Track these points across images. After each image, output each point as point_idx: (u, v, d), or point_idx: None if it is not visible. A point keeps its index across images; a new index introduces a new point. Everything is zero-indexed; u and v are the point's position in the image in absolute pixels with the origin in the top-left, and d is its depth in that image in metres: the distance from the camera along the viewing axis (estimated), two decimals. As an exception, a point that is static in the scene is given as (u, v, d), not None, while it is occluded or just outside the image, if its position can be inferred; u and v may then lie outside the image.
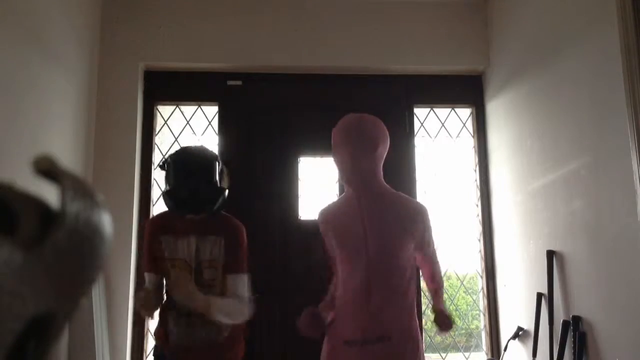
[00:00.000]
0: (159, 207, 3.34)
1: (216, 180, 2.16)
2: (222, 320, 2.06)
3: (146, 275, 2.23)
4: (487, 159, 3.50)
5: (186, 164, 2.12)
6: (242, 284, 2.14)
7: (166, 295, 2.19)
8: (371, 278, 1.97)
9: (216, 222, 2.17)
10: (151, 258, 2.19)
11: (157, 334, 2.21)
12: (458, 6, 3.55)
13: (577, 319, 2.41)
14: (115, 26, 3.36)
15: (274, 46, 3.42)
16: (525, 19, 3.02)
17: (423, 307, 3.31)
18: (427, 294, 2.53)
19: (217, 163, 2.18)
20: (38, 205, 0.37)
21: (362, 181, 2.01)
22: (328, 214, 2.12)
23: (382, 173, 2.05)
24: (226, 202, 2.19)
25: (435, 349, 3.68)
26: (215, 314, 2.03)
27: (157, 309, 2.20)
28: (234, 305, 2.09)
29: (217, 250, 2.13)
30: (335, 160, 2.05)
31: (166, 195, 2.15)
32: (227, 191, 2.20)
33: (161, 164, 2.22)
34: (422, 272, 2.27)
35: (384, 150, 2.02)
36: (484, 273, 3.44)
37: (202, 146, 2.25)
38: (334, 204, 2.16)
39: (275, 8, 3.47)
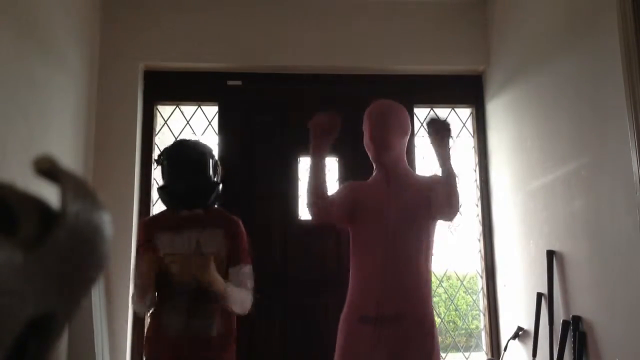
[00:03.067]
0: (159, 206, 3.34)
1: (210, 175, 2.18)
2: (231, 307, 2.08)
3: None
4: (487, 159, 3.50)
5: (181, 159, 2.15)
6: (248, 274, 2.16)
7: (161, 292, 2.16)
8: (388, 255, 2.05)
9: (213, 216, 2.19)
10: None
11: (150, 328, 2.20)
12: (458, 6, 3.55)
13: (577, 319, 2.41)
14: (115, 26, 3.36)
15: (274, 46, 3.42)
16: (525, 18, 3.02)
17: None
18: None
19: (211, 157, 2.21)
20: (38, 206, 0.37)
21: (392, 162, 2.14)
22: (355, 185, 2.24)
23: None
24: (220, 196, 2.21)
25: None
26: (228, 299, 2.04)
27: (151, 294, 2.12)
28: (244, 295, 2.12)
29: (218, 242, 2.15)
30: (367, 140, 2.16)
31: (161, 190, 2.18)
32: (220, 185, 2.22)
33: (156, 158, 2.25)
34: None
35: (407, 137, 2.21)
36: (484, 273, 3.44)
37: (196, 141, 2.28)
38: (363, 182, 2.26)
39: (276, 8, 3.47)
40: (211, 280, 1.98)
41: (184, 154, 2.16)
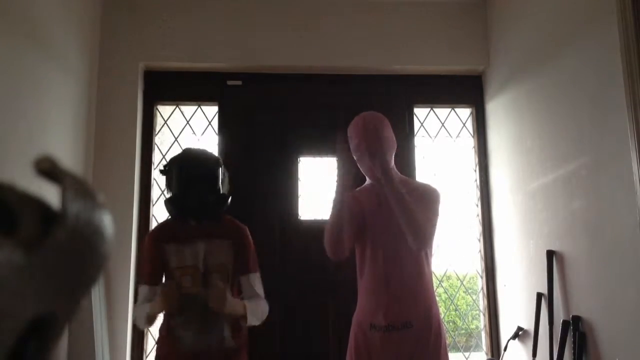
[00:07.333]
0: (158, 207, 3.34)
1: (219, 187, 2.15)
2: (253, 323, 2.10)
3: (142, 288, 2.16)
4: (487, 159, 3.50)
5: (191, 171, 2.10)
6: (258, 282, 2.18)
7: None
8: (389, 265, 2.08)
9: (221, 226, 2.16)
10: (153, 270, 2.14)
11: (161, 342, 2.15)
12: (458, 6, 3.55)
13: (577, 319, 2.41)
14: (115, 26, 3.36)
15: (274, 46, 3.42)
16: (525, 18, 3.02)
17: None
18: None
19: (220, 168, 2.17)
20: (39, 206, 0.37)
21: (383, 173, 2.12)
22: (352, 202, 2.20)
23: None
24: (228, 207, 2.19)
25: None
26: (250, 319, 2.06)
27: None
28: (261, 307, 2.14)
29: (225, 254, 2.13)
30: (355, 155, 2.17)
31: (169, 202, 2.12)
32: (230, 197, 2.20)
33: (162, 168, 2.18)
34: None
35: (394, 144, 2.21)
36: (484, 273, 3.44)
37: (204, 150, 2.21)
38: (358, 192, 2.26)
39: (276, 8, 3.47)
40: (230, 309, 2.00)
41: (194, 166, 2.10)
